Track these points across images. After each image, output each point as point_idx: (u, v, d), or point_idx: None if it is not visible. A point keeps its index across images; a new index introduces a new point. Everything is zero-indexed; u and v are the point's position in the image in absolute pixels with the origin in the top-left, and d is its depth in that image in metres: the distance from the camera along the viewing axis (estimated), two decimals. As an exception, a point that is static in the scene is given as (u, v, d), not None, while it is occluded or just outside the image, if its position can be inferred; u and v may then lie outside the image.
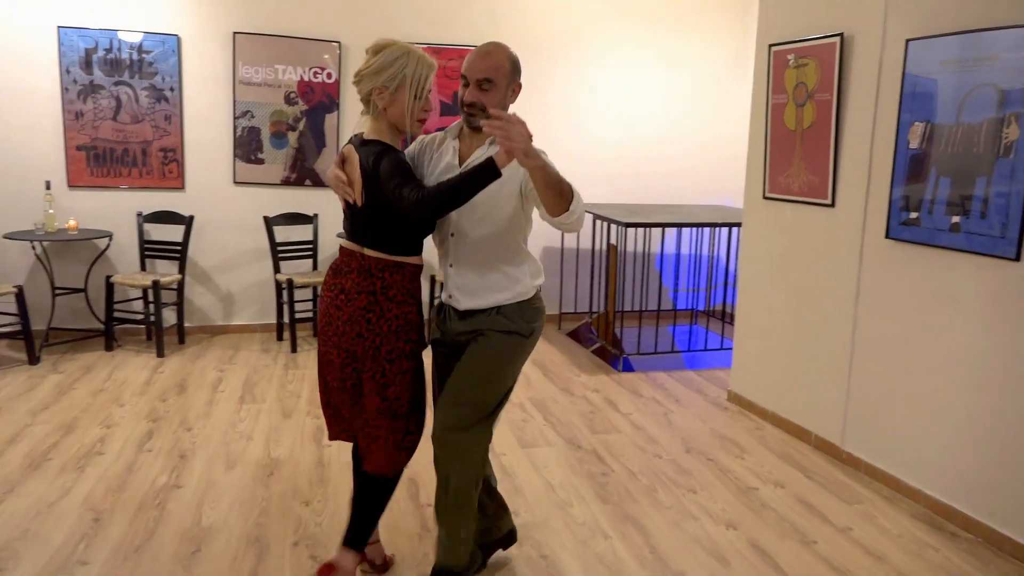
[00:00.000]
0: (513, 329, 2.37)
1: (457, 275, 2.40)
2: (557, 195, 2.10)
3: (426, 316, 2.46)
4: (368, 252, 2.33)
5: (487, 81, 2.27)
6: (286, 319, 5.47)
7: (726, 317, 6.19)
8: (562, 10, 5.99)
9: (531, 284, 2.41)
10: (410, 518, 3.03)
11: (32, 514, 2.95)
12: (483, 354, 2.36)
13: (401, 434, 2.37)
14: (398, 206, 2.19)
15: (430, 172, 2.40)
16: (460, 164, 2.34)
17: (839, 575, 2.71)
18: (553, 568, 2.70)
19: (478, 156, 2.31)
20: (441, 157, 2.40)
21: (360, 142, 2.34)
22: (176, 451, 3.59)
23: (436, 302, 2.66)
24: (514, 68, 2.35)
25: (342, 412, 2.46)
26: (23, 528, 2.85)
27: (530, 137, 1.98)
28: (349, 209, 2.38)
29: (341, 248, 2.42)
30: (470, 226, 2.33)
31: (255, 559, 2.70)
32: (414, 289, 2.39)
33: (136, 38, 5.23)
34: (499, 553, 2.75)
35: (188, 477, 3.32)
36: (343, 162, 2.36)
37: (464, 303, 2.39)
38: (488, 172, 2.06)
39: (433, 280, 5.70)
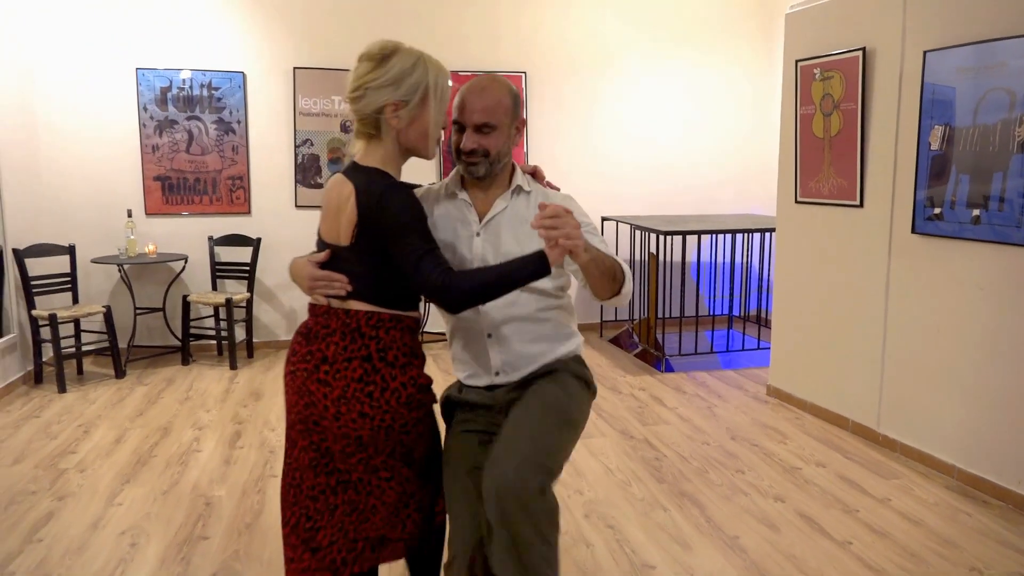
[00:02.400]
0: (581, 375, 2.05)
1: (501, 350, 2.01)
2: (611, 280, 1.88)
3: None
4: (354, 306, 1.85)
5: (487, 126, 1.91)
6: (347, 332, 5.83)
7: (761, 321, 6.46)
8: (595, 33, 6.37)
9: (578, 336, 2.13)
10: None
11: (150, 500, 3.32)
12: (558, 392, 1.96)
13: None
14: (409, 275, 1.79)
15: (442, 233, 1.98)
16: (480, 221, 2.01)
17: (880, 537, 2.98)
18: (620, 535, 3.00)
19: (499, 209, 2.00)
20: (451, 214, 2.03)
21: (353, 167, 1.88)
22: (265, 447, 3.95)
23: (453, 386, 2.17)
24: (515, 102, 1.98)
25: (323, 529, 1.89)
26: (145, 511, 3.21)
27: (578, 227, 1.69)
28: (327, 249, 1.88)
29: (311, 307, 1.93)
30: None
31: (353, 532, 3.03)
32: (415, 346, 1.92)
33: (206, 76, 5.69)
34: (570, 520, 3.07)
35: (281, 467, 3.67)
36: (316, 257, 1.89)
37: (519, 376, 2.03)
38: (538, 271, 1.76)
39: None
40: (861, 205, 4.01)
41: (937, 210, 3.53)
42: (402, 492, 1.93)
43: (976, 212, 3.34)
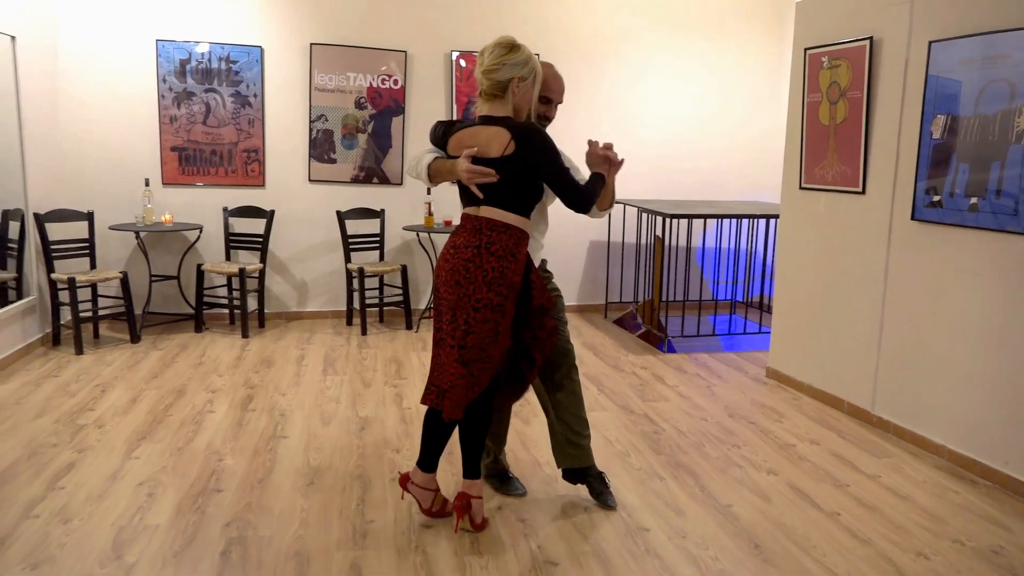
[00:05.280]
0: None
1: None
2: (612, 196, 2.94)
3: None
4: (483, 212, 2.63)
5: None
6: (356, 305, 5.97)
7: (764, 307, 6.56)
8: (609, 19, 6.43)
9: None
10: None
11: (166, 455, 3.45)
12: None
13: (468, 384, 2.64)
14: (563, 182, 2.60)
15: None
16: None
17: (868, 510, 3.09)
18: (617, 500, 3.12)
19: None
20: None
21: (487, 119, 2.64)
22: (276, 410, 4.08)
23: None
24: None
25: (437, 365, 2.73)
26: (161, 465, 3.35)
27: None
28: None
29: (465, 216, 2.71)
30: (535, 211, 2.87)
31: (361, 490, 3.16)
32: (516, 250, 2.62)
33: (224, 50, 5.78)
34: (570, 487, 3.19)
35: (291, 430, 3.80)
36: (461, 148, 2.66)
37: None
38: (603, 181, 2.75)
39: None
40: (863, 192, 4.09)
41: (937, 197, 3.61)
42: (442, 373, 2.70)
43: (974, 200, 3.42)
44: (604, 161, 2.75)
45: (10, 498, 2.99)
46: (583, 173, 2.92)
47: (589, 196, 2.67)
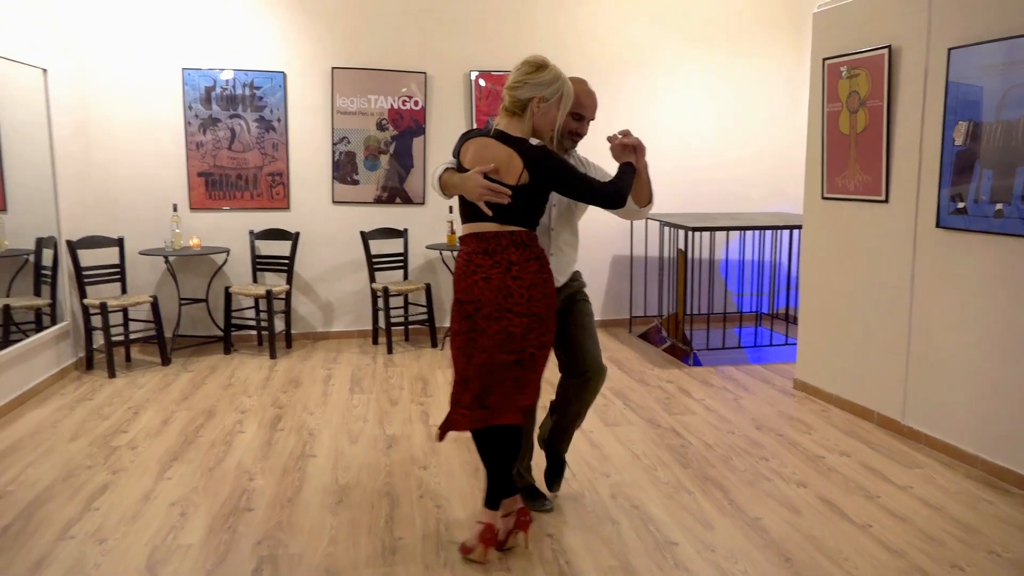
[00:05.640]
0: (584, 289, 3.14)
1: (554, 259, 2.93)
2: (648, 191, 2.92)
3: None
4: (515, 228, 2.63)
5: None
6: (381, 324, 6.02)
7: (790, 318, 6.51)
8: (627, 35, 6.47)
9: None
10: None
11: (198, 475, 3.50)
12: (590, 309, 3.09)
13: (531, 394, 2.71)
14: (586, 193, 2.65)
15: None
16: None
17: (900, 521, 3.05)
18: (644, 515, 3.11)
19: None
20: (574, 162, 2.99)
21: (502, 136, 2.63)
22: (304, 430, 4.12)
23: None
24: None
25: (494, 391, 2.65)
26: (193, 485, 3.40)
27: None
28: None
29: (480, 234, 2.65)
30: (561, 223, 2.93)
31: (389, 507, 3.18)
32: (547, 261, 2.73)
33: (248, 76, 5.90)
34: (597, 500, 3.19)
35: (319, 448, 3.84)
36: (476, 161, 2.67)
37: (562, 280, 2.98)
38: (633, 169, 2.78)
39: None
40: (886, 200, 4.07)
41: (961, 204, 3.59)
42: (541, 370, 2.71)
43: (999, 206, 3.40)
44: (626, 149, 2.79)
45: (47, 519, 3.05)
46: (606, 171, 2.98)
47: (617, 189, 2.69)
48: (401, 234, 6.21)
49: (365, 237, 6.04)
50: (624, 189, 2.71)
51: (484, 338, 2.64)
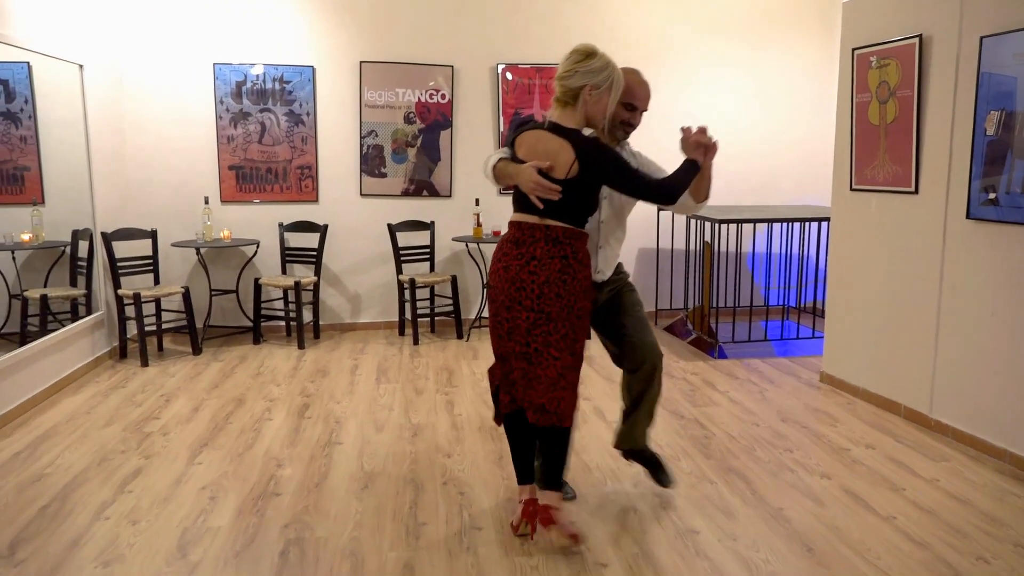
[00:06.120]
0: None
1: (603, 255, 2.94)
2: (708, 187, 2.88)
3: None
4: (552, 223, 2.60)
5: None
6: (408, 316, 6.08)
7: (817, 312, 6.45)
8: (655, 29, 6.45)
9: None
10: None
11: (227, 461, 3.58)
12: (638, 298, 3.09)
13: (575, 387, 2.67)
14: (638, 189, 2.63)
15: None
16: None
17: (926, 513, 3.03)
18: (667, 503, 3.12)
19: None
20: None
21: (555, 127, 2.60)
22: (332, 418, 4.18)
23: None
24: None
25: (512, 378, 2.70)
26: (223, 471, 3.47)
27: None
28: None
29: (519, 224, 2.66)
30: (612, 216, 2.93)
31: (414, 493, 3.23)
32: (588, 257, 2.70)
33: (278, 71, 5.98)
34: (618, 489, 3.21)
35: (346, 436, 3.90)
36: (526, 151, 2.66)
37: (607, 275, 2.99)
38: (696, 167, 2.75)
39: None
40: (916, 191, 4.02)
41: (992, 195, 3.54)
42: (560, 372, 2.62)
43: (1031, 196, 3.34)
44: (699, 147, 2.75)
45: (82, 501, 3.14)
46: (659, 165, 2.99)
47: (671, 187, 2.67)
48: (428, 226, 6.25)
49: (392, 229, 6.10)
50: (678, 188, 2.67)
51: (500, 323, 2.70)
